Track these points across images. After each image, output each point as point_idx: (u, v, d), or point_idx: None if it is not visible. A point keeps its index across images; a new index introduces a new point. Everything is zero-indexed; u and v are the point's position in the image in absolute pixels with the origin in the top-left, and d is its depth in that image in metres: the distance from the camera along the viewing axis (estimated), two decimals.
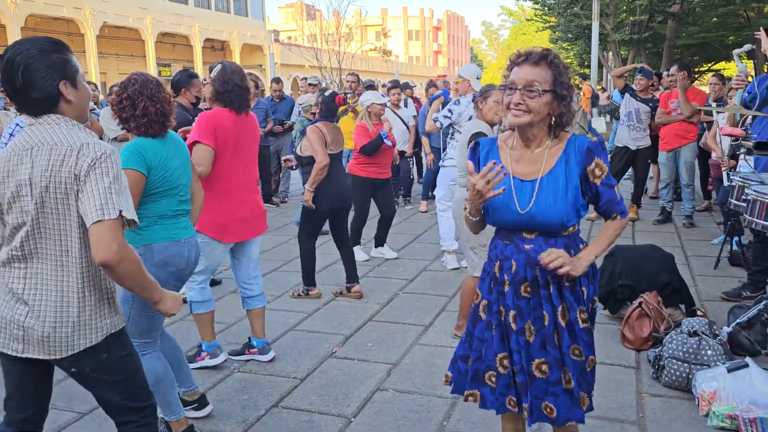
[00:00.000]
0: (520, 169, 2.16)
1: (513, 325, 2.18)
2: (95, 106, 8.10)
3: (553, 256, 2.03)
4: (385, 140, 5.71)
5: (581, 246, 2.20)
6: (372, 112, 5.91)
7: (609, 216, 2.19)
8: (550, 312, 2.14)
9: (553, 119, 2.11)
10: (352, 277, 5.15)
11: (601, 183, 2.12)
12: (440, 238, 6.01)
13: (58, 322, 2.01)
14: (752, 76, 4.69)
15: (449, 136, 6.00)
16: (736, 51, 4.71)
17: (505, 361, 2.22)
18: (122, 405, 2.22)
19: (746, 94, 4.58)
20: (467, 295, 4.09)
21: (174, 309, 2.21)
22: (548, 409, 2.16)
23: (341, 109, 8.47)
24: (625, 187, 8.78)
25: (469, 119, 5.42)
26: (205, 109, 3.93)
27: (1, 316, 2.05)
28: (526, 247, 2.14)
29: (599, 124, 13.66)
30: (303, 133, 5.28)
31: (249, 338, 4.02)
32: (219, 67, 3.69)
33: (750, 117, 4.71)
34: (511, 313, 2.18)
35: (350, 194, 5.21)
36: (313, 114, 6.09)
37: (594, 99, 14.39)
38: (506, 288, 2.18)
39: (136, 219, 1.99)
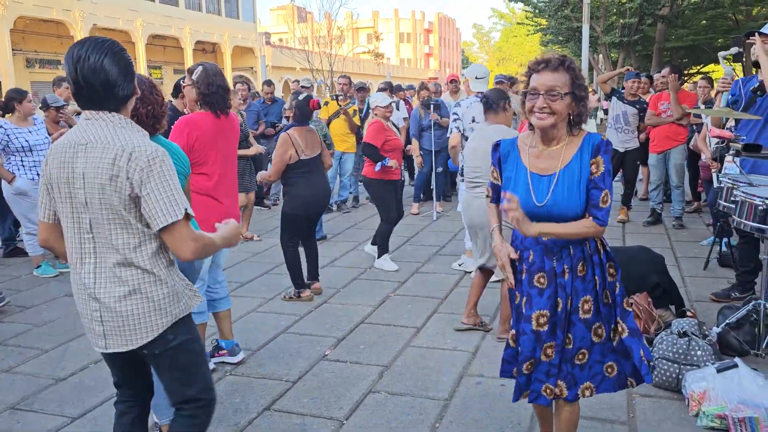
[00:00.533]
0: (540, 165, 2.33)
1: (523, 310, 2.40)
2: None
3: (513, 205, 2.20)
4: (383, 164, 5.72)
5: (597, 241, 2.35)
6: (377, 114, 5.92)
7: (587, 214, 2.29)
8: (564, 299, 2.32)
9: (572, 118, 2.29)
10: (314, 273, 5.28)
11: (591, 180, 2.26)
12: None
13: (128, 313, 2.09)
14: (734, 79, 4.70)
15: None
16: (721, 54, 4.69)
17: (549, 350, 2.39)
18: (180, 391, 2.27)
19: (730, 96, 4.60)
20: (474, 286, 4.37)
21: (234, 237, 2.30)
22: (548, 390, 2.42)
23: (333, 111, 8.53)
24: (615, 189, 8.81)
25: (472, 120, 5.38)
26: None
27: (83, 316, 2.18)
28: (544, 238, 2.31)
29: (590, 126, 13.75)
30: None
31: (216, 341, 3.98)
32: (200, 69, 3.63)
33: (733, 119, 4.75)
34: (523, 299, 2.39)
35: (326, 200, 5.23)
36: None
37: None
38: (522, 276, 2.41)
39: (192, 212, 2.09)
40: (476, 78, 5.80)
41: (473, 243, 4.41)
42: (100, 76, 1.99)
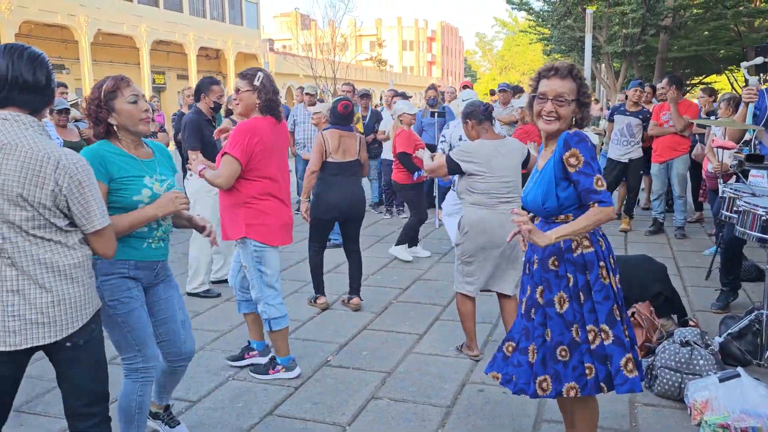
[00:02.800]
0: (540, 163, 2.53)
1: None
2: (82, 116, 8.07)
3: (522, 218, 2.30)
4: (419, 174, 6.21)
5: (574, 241, 2.44)
6: (403, 121, 6.34)
7: (587, 204, 2.38)
8: (532, 288, 2.52)
9: (575, 120, 2.45)
10: (354, 288, 5.11)
11: (577, 171, 2.34)
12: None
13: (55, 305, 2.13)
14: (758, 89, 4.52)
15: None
16: (744, 64, 4.48)
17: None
18: (92, 389, 2.30)
19: (757, 111, 4.41)
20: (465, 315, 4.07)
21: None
22: (509, 376, 2.58)
23: None
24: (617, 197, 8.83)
25: (459, 139, 5.60)
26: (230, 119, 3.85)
27: None
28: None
29: (593, 139, 13.77)
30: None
31: (248, 342, 4.01)
32: (262, 75, 3.55)
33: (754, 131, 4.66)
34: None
35: (359, 206, 5.03)
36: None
37: None
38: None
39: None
40: (462, 100, 6.24)
41: (475, 266, 3.95)
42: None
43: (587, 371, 2.43)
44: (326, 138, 4.84)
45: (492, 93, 15.54)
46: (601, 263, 2.43)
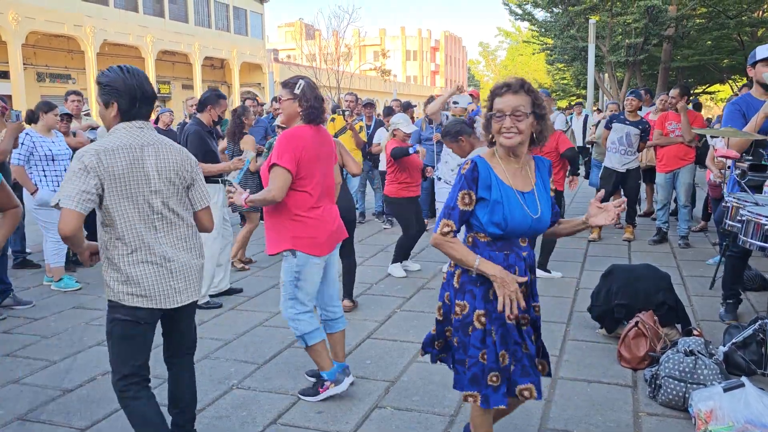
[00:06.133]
0: (518, 182, 2.47)
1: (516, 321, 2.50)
2: (96, 122, 8.15)
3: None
4: (412, 151, 6.16)
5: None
6: (396, 136, 6.33)
7: (555, 222, 2.63)
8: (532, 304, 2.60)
9: (535, 135, 2.47)
10: (347, 290, 5.21)
11: (553, 196, 2.54)
12: None
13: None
14: None
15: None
16: (766, 74, 4.46)
17: (506, 357, 2.47)
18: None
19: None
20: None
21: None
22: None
23: (339, 126, 8.59)
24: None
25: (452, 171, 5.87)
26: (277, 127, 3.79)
27: (159, 278, 2.63)
28: (523, 254, 2.51)
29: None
30: None
31: (320, 374, 3.69)
32: (303, 83, 3.47)
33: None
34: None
35: (347, 209, 4.83)
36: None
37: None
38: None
39: None
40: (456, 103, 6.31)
41: None
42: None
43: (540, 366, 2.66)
44: None
45: None
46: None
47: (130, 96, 2.62)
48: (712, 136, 6.75)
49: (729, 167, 4.52)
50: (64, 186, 2.49)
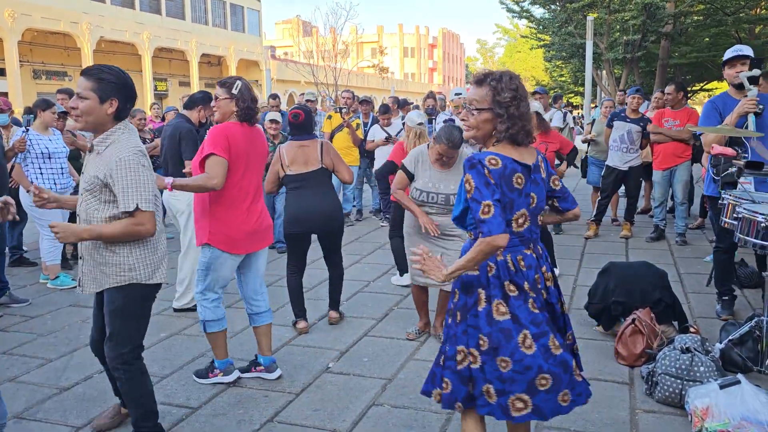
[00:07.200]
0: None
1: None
2: None
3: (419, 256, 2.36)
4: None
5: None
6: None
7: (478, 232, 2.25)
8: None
9: (497, 134, 2.30)
10: (332, 302, 4.97)
11: (471, 197, 2.22)
12: None
13: None
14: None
15: None
16: (743, 74, 4.52)
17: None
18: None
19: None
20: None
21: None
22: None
23: (336, 124, 8.59)
24: (620, 204, 8.84)
25: None
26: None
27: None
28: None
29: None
30: None
31: (256, 356, 3.98)
32: (240, 84, 3.67)
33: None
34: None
35: (325, 219, 4.70)
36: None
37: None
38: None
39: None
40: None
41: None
42: None
43: (444, 385, 2.39)
44: (281, 152, 4.67)
45: None
46: (480, 290, 2.31)
47: (129, 95, 2.82)
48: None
49: (712, 165, 4.53)
50: (136, 189, 2.71)
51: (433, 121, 8.52)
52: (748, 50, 4.53)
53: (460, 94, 6.60)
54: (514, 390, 2.26)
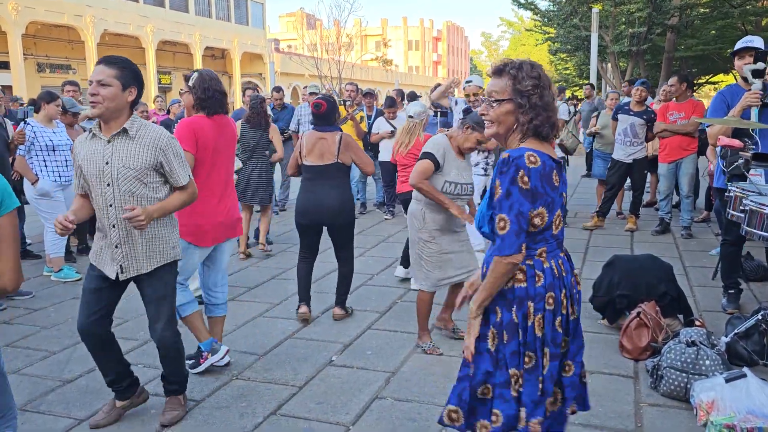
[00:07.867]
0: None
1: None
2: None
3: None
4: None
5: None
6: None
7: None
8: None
9: (520, 127, 2.09)
10: (338, 297, 4.87)
11: (494, 205, 2.07)
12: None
13: None
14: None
15: None
16: (747, 67, 4.48)
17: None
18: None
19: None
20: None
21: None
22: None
23: (340, 117, 8.56)
24: (625, 197, 8.80)
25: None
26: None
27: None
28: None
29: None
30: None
31: (198, 346, 3.87)
32: (196, 75, 3.78)
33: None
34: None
35: (330, 213, 4.63)
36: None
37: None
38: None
39: None
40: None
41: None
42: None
43: (494, 418, 2.15)
44: (302, 140, 4.69)
45: None
46: (530, 303, 2.09)
47: (142, 86, 3.02)
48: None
49: (722, 157, 4.50)
50: (184, 166, 3.07)
51: (451, 110, 8.47)
52: (759, 41, 4.48)
53: (471, 81, 6.56)
54: (536, 415, 2.11)
